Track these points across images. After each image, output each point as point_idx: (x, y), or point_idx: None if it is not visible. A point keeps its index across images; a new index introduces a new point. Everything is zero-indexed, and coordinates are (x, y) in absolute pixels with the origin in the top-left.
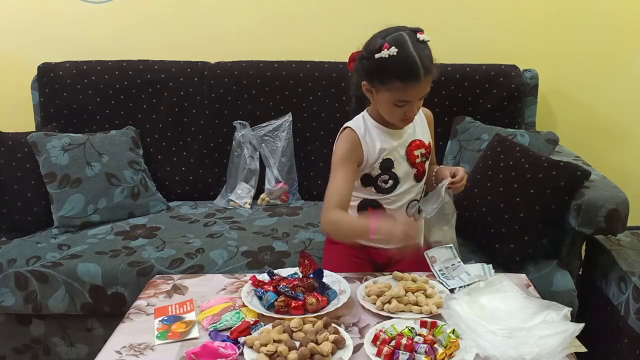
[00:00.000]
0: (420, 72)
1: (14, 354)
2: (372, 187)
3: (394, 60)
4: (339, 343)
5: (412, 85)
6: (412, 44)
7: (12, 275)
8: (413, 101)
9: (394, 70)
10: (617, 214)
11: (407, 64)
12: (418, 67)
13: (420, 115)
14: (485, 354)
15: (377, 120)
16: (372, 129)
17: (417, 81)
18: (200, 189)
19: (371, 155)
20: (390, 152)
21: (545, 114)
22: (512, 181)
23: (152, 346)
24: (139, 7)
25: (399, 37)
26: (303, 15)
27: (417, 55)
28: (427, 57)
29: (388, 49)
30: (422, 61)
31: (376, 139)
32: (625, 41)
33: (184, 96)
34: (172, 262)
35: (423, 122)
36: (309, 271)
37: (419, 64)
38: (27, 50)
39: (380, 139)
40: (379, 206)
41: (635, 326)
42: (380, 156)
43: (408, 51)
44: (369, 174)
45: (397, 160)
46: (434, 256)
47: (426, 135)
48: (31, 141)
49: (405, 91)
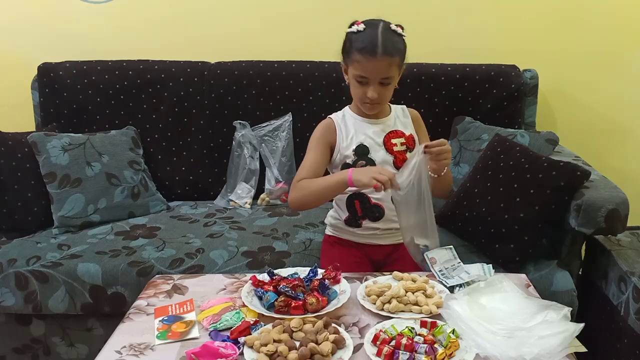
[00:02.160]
0: (378, 48)
1: (14, 354)
2: None
3: (359, 34)
4: (339, 343)
5: (368, 59)
6: (382, 27)
7: (12, 275)
8: (372, 81)
9: (356, 43)
10: (617, 214)
11: (368, 38)
12: (377, 43)
13: (404, 113)
14: (485, 354)
15: (356, 112)
16: (349, 118)
17: (374, 56)
18: (200, 189)
19: (344, 140)
20: (365, 139)
21: (545, 114)
22: (512, 181)
23: (152, 346)
24: (139, 7)
25: (373, 20)
26: (303, 15)
27: (380, 35)
28: (392, 42)
29: (358, 25)
30: (384, 41)
31: (351, 126)
32: (625, 41)
33: (184, 96)
34: (172, 262)
35: (406, 120)
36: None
37: (379, 41)
38: (27, 50)
39: (355, 127)
40: (365, 199)
41: (635, 326)
42: (354, 141)
43: (374, 29)
44: (346, 163)
45: (373, 147)
46: (433, 257)
47: (407, 129)
48: (31, 141)
49: (362, 65)
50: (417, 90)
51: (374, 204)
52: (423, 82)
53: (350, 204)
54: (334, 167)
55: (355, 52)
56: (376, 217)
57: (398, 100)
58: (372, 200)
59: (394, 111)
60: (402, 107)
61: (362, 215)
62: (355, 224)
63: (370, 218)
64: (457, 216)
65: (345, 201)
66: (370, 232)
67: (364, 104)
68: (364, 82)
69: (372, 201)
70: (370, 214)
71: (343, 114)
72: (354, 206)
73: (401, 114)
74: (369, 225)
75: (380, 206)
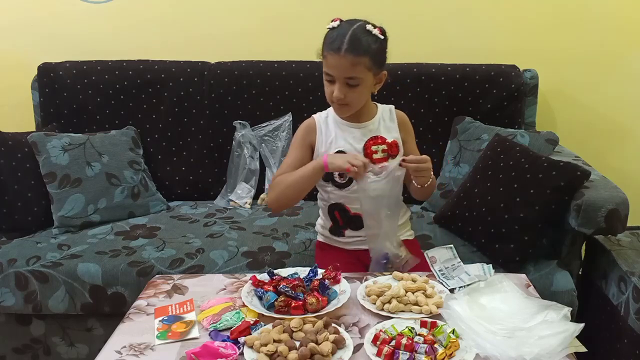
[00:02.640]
0: (342, 45)
1: (14, 354)
2: (330, 182)
3: (333, 31)
4: (339, 343)
5: (333, 55)
6: (356, 26)
7: (12, 275)
8: (337, 79)
9: (328, 38)
10: (617, 214)
11: (336, 34)
12: (343, 40)
13: (391, 116)
14: (485, 354)
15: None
16: (331, 121)
17: (337, 52)
18: (200, 189)
19: (323, 143)
20: (344, 145)
21: (545, 114)
22: (512, 181)
23: (152, 346)
24: (139, 7)
25: (351, 20)
26: (303, 15)
27: (350, 33)
28: (360, 41)
29: (334, 22)
30: (352, 39)
31: (332, 129)
32: (625, 41)
33: (184, 96)
34: (172, 262)
35: (392, 123)
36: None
37: (345, 38)
38: (27, 50)
39: (335, 131)
40: (344, 209)
41: (635, 326)
42: (332, 146)
43: (345, 27)
44: None
45: (351, 152)
46: (434, 256)
47: (392, 134)
48: (31, 141)
49: (328, 61)
50: (417, 90)
51: (354, 214)
52: (423, 82)
53: (332, 214)
54: None
55: (324, 47)
56: (357, 227)
57: (399, 100)
58: (351, 211)
59: (379, 113)
60: (390, 108)
61: (343, 225)
62: (338, 233)
63: (351, 227)
64: (457, 216)
65: (327, 211)
66: (355, 239)
67: (332, 103)
68: (330, 80)
69: (352, 212)
70: (352, 224)
71: (327, 115)
72: (335, 216)
73: (387, 117)
74: (351, 233)
75: (360, 216)
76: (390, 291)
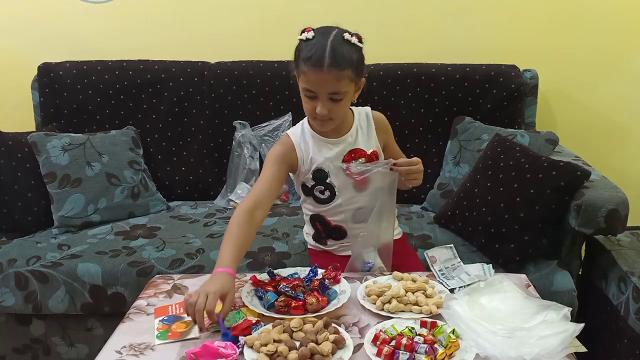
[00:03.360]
0: (324, 60)
1: (14, 353)
2: (311, 197)
3: (307, 43)
4: (339, 343)
5: (314, 71)
6: (333, 37)
7: (12, 275)
8: (320, 95)
9: (304, 52)
10: (617, 214)
11: (315, 48)
12: (324, 54)
13: (368, 121)
14: (485, 354)
15: (313, 128)
16: (308, 137)
17: (320, 68)
18: (200, 189)
19: (305, 164)
20: (323, 163)
21: (545, 114)
22: (512, 181)
23: (152, 346)
24: (139, 7)
25: (325, 28)
26: (303, 15)
27: (330, 45)
28: (342, 54)
29: (307, 32)
30: (333, 52)
31: (310, 148)
32: (625, 41)
33: (184, 96)
34: (172, 262)
35: (369, 130)
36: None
37: (326, 52)
38: (27, 50)
39: (313, 149)
40: (325, 222)
41: (635, 326)
42: (312, 166)
43: (323, 39)
44: (305, 184)
45: (332, 171)
46: (434, 256)
47: (371, 143)
48: (31, 141)
49: (308, 77)
50: (417, 90)
51: (335, 226)
52: (423, 82)
53: (313, 224)
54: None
55: (302, 62)
56: (338, 237)
57: (398, 100)
58: (332, 223)
59: (356, 121)
60: (367, 112)
61: (325, 236)
62: (321, 241)
63: (333, 237)
64: (457, 216)
65: (309, 220)
66: (338, 246)
67: (315, 119)
68: (312, 96)
69: (332, 224)
70: (333, 234)
71: (302, 131)
72: (317, 226)
73: (365, 124)
74: (333, 242)
75: (341, 228)
76: (390, 291)
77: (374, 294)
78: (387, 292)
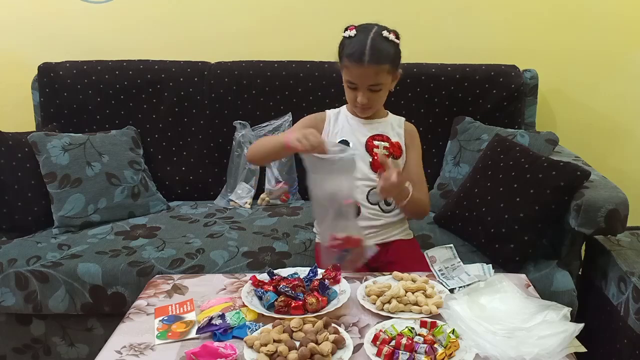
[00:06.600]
0: (364, 56)
1: (14, 353)
2: None
3: (350, 40)
4: (339, 343)
5: (355, 66)
6: (373, 34)
7: (13, 275)
8: (360, 87)
9: (347, 48)
10: (616, 214)
11: (357, 44)
12: (365, 50)
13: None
14: (485, 354)
15: (351, 112)
16: (342, 117)
17: (360, 63)
18: (200, 189)
19: (330, 133)
20: (349, 136)
21: (545, 114)
22: (512, 181)
23: (152, 346)
24: (139, 7)
25: (366, 25)
26: (303, 15)
27: (370, 42)
28: (380, 50)
29: (350, 30)
30: (373, 49)
31: (341, 124)
32: (625, 41)
33: (184, 96)
34: (173, 262)
35: (399, 131)
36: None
37: (366, 48)
38: (27, 50)
39: (344, 125)
40: None
41: (635, 326)
42: (337, 136)
43: (364, 36)
44: None
45: (355, 144)
46: (433, 256)
47: (397, 138)
48: (31, 141)
49: (350, 71)
50: (417, 90)
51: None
52: (423, 82)
53: None
54: None
55: (345, 57)
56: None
57: (399, 100)
58: None
59: (390, 118)
60: (400, 119)
61: None
62: None
63: None
64: (457, 216)
65: None
66: None
67: (356, 107)
68: (353, 87)
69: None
70: None
71: (339, 111)
72: None
73: (396, 124)
74: None
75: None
76: (390, 291)
77: (373, 294)
78: (387, 292)
